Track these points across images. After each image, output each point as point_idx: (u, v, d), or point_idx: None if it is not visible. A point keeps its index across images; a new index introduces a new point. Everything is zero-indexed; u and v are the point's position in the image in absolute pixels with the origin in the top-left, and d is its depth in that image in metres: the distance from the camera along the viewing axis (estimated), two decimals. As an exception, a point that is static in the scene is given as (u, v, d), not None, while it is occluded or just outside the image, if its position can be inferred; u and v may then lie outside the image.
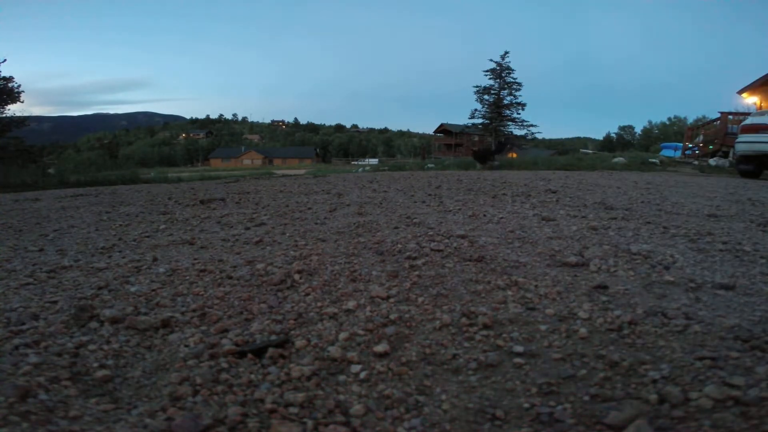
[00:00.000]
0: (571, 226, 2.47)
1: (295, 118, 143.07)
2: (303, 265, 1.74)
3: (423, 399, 0.91)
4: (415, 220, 2.66)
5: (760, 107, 13.69)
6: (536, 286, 1.49)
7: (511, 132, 36.82)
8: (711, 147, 12.54)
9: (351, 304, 1.36)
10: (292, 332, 1.19)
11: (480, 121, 37.08)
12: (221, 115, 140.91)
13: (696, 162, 11.47)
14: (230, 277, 1.63)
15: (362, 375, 0.99)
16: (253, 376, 0.99)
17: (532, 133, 37.46)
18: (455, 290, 1.47)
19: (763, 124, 7.25)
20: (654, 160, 11.24)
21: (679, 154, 14.93)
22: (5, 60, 17.13)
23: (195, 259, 1.91)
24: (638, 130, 65.84)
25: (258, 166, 47.78)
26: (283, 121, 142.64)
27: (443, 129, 49.00)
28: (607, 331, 1.16)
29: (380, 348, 1.09)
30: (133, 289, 1.51)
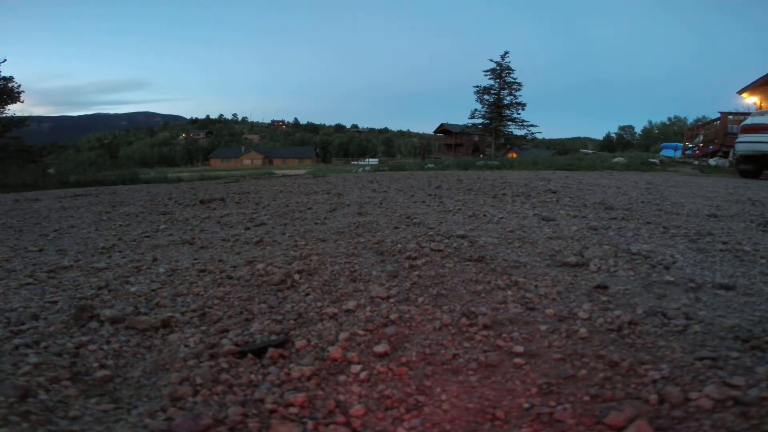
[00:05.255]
0: (571, 226, 2.47)
1: (295, 118, 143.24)
2: (303, 265, 1.74)
3: (423, 399, 0.91)
4: (415, 220, 2.66)
5: (760, 107, 13.68)
6: (536, 286, 1.49)
7: (511, 132, 36.86)
8: (711, 147, 12.54)
9: (351, 304, 1.36)
10: (292, 332, 1.19)
11: (480, 121, 37.12)
12: (221, 115, 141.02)
13: (696, 162, 11.46)
14: (230, 277, 1.63)
15: (362, 375, 0.99)
16: (253, 376, 0.99)
17: (532, 133, 37.53)
18: (455, 290, 1.47)
19: (763, 124, 7.25)
20: (654, 160, 11.23)
21: (679, 154, 14.92)
22: (5, 60, 17.15)
23: (195, 259, 1.91)
24: (638, 130, 65.80)
25: (258, 166, 47.79)
26: (283, 121, 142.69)
27: (443, 129, 48.99)
28: (607, 331, 1.16)
29: (380, 348, 1.09)
30: (133, 289, 1.51)
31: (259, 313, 1.32)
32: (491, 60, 35.77)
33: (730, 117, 12.36)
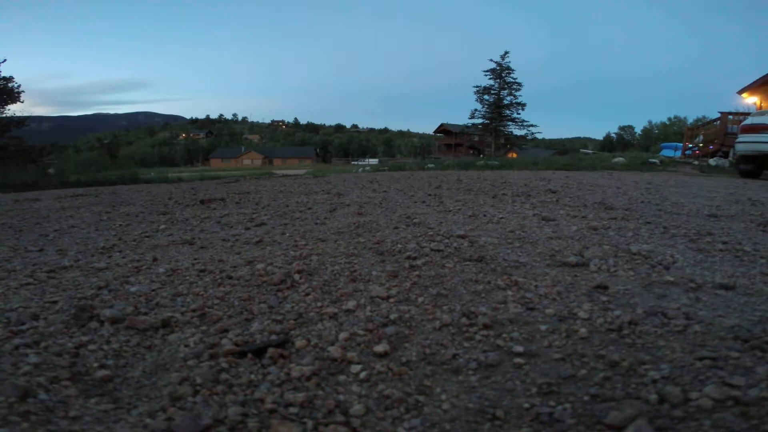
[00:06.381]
0: (571, 226, 2.47)
1: (295, 118, 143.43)
2: (303, 265, 1.74)
3: (423, 399, 0.91)
4: (415, 220, 2.66)
5: (760, 107, 13.68)
6: (536, 286, 1.49)
7: (511, 132, 36.90)
8: (711, 147, 12.54)
9: (351, 304, 1.36)
10: (292, 332, 1.19)
11: (480, 121, 37.15)
12: (221, 115, 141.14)
13: (696, 162, 11.46)
14: (230, 277, 1.63)
15: (362, 375, 0.99)
16: (253, 376, 0.99)
17: (533, 133, 37.57)
18: (455, 290, 1.47)
19: (763, 124, 7.25)
20: (654, 160, 11.24)
21: (679, 154, 14.92)
22: (5, 60, 17.17)
23: (195, 259, 1.91)
24: (638, 130, 65.87)
25: (258, 166, 47.80)
26: (283, 121, 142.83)
27: (443, 129, 49.01)
28: (607, 331, 1.16)
29: (380, 348, 1.09)
30: (133, 289, 1.51)
31: (259, 313, 1.32)
32: (491, 60, 35.84)
33: (730, 117, 12.37)
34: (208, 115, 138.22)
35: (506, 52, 35.53)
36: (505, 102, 36.26)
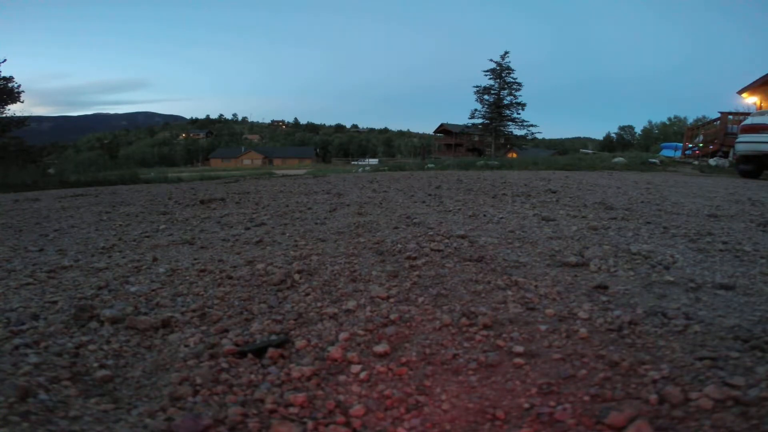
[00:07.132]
0: (571, 226, 2.47)
1: (295, 118, 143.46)
2: (303, 265, 1.74)
3: (423, 399, 0.91)
4: (415, 220, 2.66)
5: (760, 107, 13.68)
6: (536, 286, 1.49)
7: (511, 132, 36.94)
8: (711, 147, 12.55)
9: (351, 304, 1.36)
10: (292, 332, 1.19)
11: (480, 121, 37.16)
12: (221, 115, 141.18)
13: (696, 162, 11.46)
14: (230, 277, 1.63)
15: (362, 375, 0.99)
16: (253, 376, 0.99)
17: (533, 133, 37.59)
18: (455, 290, 1.47)
19: (763, 124, 7.25)
20: (654, 160, 11.24)
21: (679, 154, 14.92)
22: (5, 60, 17.17)
23: (195, 259, 1.91)
24: (638, 130, 66.00)
25: (258, 166, 47.84)
26: (283, 121, 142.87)
27: (443, 129, 49.03)
28: (607, 331, 1.16)
29: (380, 348, 1.09)
30: (133, 289, 1.51)
31: (259, 313, 1.32)
32: (491, 60, 35.86)
33: (730, 117, 12.37)
34: (208, 115, 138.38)
35: (506, 52, 35.57)
36: (505, 102, 36.28)
